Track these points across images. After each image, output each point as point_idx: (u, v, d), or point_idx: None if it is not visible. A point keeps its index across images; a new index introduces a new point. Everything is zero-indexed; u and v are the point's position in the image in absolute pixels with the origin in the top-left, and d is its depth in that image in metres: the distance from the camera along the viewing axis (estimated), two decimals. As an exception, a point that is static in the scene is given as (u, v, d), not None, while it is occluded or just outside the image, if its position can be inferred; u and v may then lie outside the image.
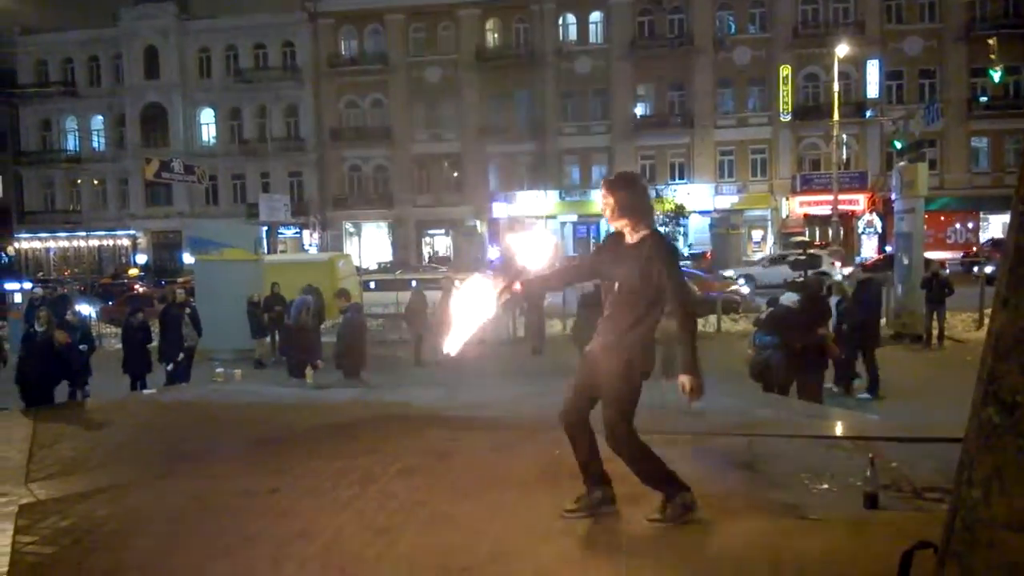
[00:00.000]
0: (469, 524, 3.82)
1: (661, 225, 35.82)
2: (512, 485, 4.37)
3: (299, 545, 3.64)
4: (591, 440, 3.75)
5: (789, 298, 8.43)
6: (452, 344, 3.67)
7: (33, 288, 22.83)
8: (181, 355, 11.37)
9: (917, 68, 37.74)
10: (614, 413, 3.59)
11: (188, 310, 12.36)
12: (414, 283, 16.39)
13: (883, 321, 13.19)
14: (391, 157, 43.09)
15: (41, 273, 43.97)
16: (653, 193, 36.93)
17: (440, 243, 43.83)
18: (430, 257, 42.57)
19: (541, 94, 40.64)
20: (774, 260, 28.80)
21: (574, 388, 3.79)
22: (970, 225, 37.65)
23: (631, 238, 3.71)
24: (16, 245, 48.30)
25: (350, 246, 42.95)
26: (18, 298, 19.76)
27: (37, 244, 48.37)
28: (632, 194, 3.69)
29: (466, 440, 5.52)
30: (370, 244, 44.37)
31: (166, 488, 4.70)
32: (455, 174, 42.87)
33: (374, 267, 38.34)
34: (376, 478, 4.66)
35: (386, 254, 42.94)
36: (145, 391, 8.87)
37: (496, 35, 42.22)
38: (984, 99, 37.14)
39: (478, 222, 41.13)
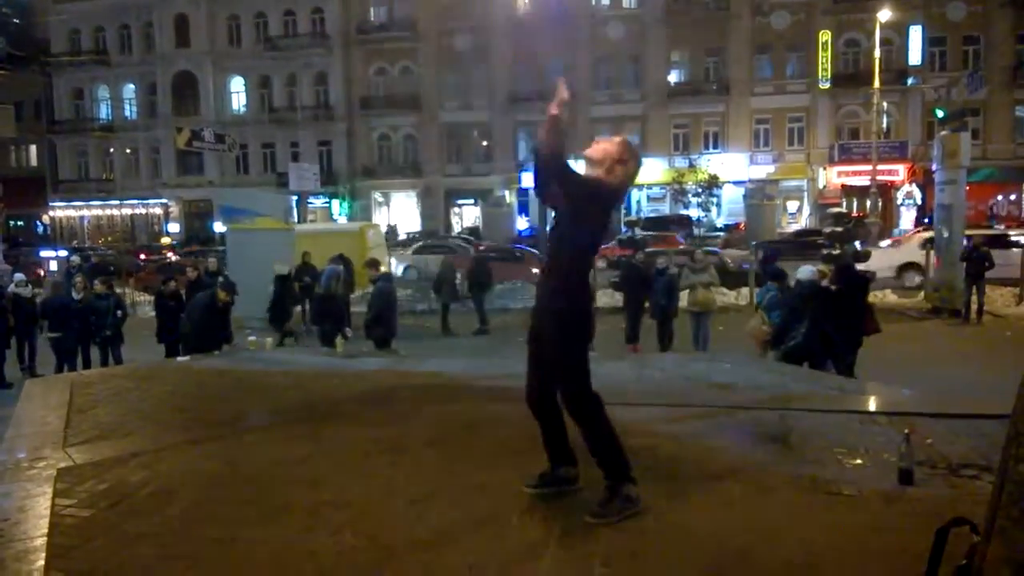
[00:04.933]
0: (500, 494, 3.83)
1: (694, 195, 35.51)
2: (542, 455, 4.36)
3: (330, 513, 3.68)
4: (556, 418, 3.64)
5: (806, 272, 8.25)
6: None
7: (69, 256, 23.29)
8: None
9: (961, 34, 36.67)
10: (562, 380, 3.49)
11: (221, 279, 12.51)
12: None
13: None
14: (420, 126, 43.00)
15: (76, 241, 44.78)
16: (687, 163, 36.65)
17: (469, 213, 43.80)
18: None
19: (572, 61, 40.13)
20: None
21: (529, 363, 3.69)
22: (1013, 197, 36.74)
23: None
24: (51, 213, 49.18)
25: (379, 215, 43.11)
26: (53, 266, 20.15)
27: (71, 212, 49.24)
28: (633, 165, 3.62)
29: (496, 410, 5.52)
30: (399, 214, 44.50)
31: (199, 454, 4.77)
32: (484, 143, 42.69)
33: (403, 237, 38.48)
34: (407, 447, 4.69)
35: (415, 224, 43.05)
36: (178, 358, 9.01)
37: (527, 0, 41.64)
38: (1030, 66, 36.04)
39: (507, 192, 40.98)
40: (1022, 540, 2.02)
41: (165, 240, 42.18)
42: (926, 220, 29.68)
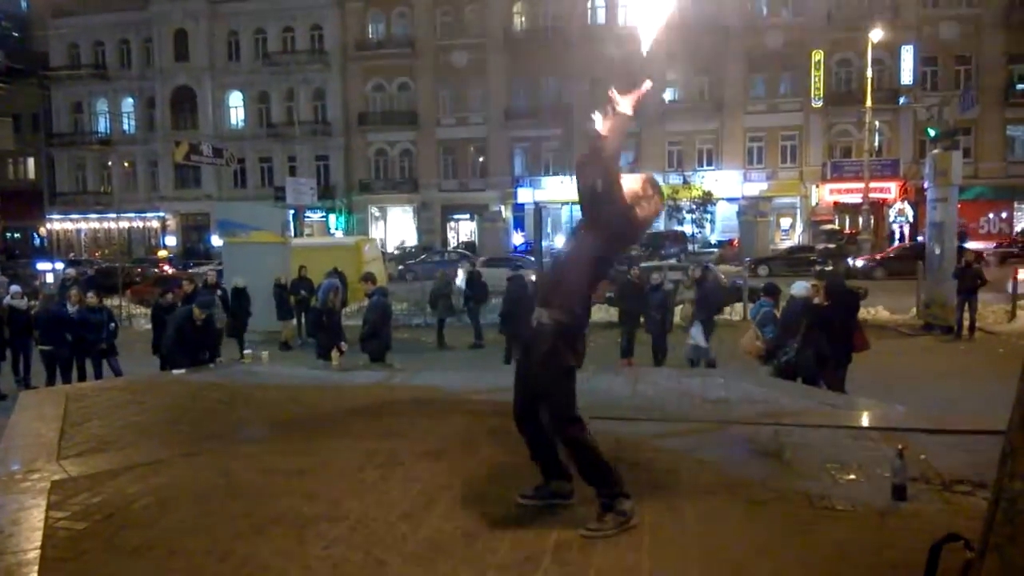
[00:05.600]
0: (494, 508, 3.83)
1: (688, 212, 35.66)
2: (536, 469, 4.37)
3: (325, 526, 3.68)
4: (541, 435, 3.64)
5: (800, 288, 8.29)
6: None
7: (65, 268, 23.26)
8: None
9: (953, 54, 37.01)
10: (548, 401, 3.48)
11: (219, 292, 12.55)
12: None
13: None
14: (417, 141, 43.17)
15: (72, 254, 44.75)
16: (681, 179, 36.86)
17: (465, 228, 43.89)
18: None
19: (568, 78, 40.37)
20: None
21: (516, 378, 3.71)
22: (1004, 215, 36.96)
23: None
24: (48, 226, 49.13)
25: (375, 230, 43.17)
26: (50, 278, 20.11)
27: (69, 225, 49.21)
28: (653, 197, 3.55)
29: (491, 424, 5.53)
30: (395, 228, 44.57)
31: (194, 467, 4.77)
32: (480, 159, 42.86)
33: (397, 251, 38.60)
34: (401, 461, 4.69)
35: (411, 238, 43.11)
36: (174, 371, 8.99)
37: (523, 18, 42.00)
38: (1021, 87, 36.36)
39: (503, 207, 41.09)
40: (1017, 557, 2.03)
41: (162, 253, 42.16)
42: (919, 238, 29.87)
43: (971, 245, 24.30)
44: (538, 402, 3.57)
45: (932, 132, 19.21)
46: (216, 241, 31.67)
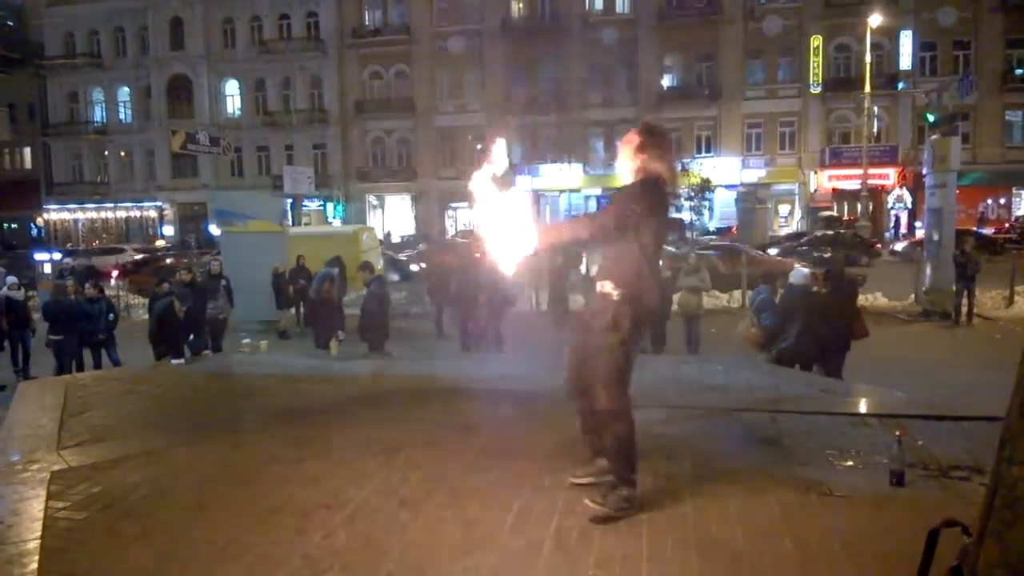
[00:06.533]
0: (493, 495, 3.84)
1: (686, 199, 35.58)
2: (536, 457, 4.39)
3: (325, 514, 3.69)
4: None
5: (799, 275, 8.28)
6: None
7: (63, 259, 23.21)
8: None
9: (951, 39, 36.80)
10: (599, 379, 3.48)
11: (224, 282, 12.54)
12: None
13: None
14: (414, 129, 43.00)
15: (70, 244, 44.65)
16: (679, 166, 36.74)
17: (463, 216, 43.78)
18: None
19: (566, 65, 40.18)
20: None
21: (569, 362, 3.75)
22: (1002, 200, 36.91)
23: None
24: (45, 216, 49.00)
25: (373, 219, 43.06)
26: (47, 268, 20.06)
27: (66, 215, 49.06)
28: (653, 144, 3.62)
29: (490, 412, 5.54)
30: (393, 217, 44.45)
31: (194, 456, 4.77)
32: (479, 146, 42.68)
33: (397, 240, 38.51)
34: (401, 449, 4.70)
35: (409, 227, 43.02)
36: (172, 361, 8.99)
37: (521, 5, 41.73)
38: (1020, 71, 36.24)
39: (501, 195, 40.93)
40: (1016, 543, 2.03)
41: (160, 243, 42.08)
42: (918, 224, 29.82)
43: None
44: (590, 375, 3.58)
45: (931, 117, 19.14)
46: (214, 230, 31.61)
